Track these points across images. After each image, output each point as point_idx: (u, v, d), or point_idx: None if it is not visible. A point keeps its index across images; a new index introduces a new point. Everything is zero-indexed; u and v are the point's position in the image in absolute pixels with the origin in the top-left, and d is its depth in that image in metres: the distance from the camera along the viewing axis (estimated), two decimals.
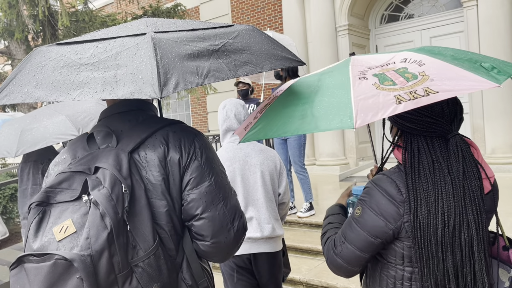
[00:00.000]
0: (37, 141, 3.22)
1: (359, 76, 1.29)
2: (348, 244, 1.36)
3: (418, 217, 1.24)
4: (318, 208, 5.27)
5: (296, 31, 8.02)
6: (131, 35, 1.20)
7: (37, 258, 1.06)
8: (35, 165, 3.64)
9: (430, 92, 1.11)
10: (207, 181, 1.29)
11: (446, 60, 1.24)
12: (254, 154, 2.46)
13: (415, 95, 1.12)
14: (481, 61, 1.23)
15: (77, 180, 1.18)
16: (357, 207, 1.37)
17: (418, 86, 1.14)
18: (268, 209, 2.44)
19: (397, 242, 1.31)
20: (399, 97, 1.14)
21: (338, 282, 3.69)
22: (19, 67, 1.24)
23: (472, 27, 6.34)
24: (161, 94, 1.03)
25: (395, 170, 1.35)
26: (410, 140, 1.32)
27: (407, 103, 1.12)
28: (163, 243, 1.25)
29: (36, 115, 3.52)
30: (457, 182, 1.24)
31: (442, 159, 1.26)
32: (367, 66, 1.34)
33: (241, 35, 1.33)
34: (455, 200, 1.24)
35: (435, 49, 1.36)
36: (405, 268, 1.32)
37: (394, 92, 1.16)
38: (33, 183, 3.65)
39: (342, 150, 7.68)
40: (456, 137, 1.29)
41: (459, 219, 1.23)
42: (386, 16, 8.14)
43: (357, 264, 1.38)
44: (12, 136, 3.32)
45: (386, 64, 1.32)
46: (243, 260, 2.44)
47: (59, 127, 3.31)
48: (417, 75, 1.19)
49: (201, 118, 11.07)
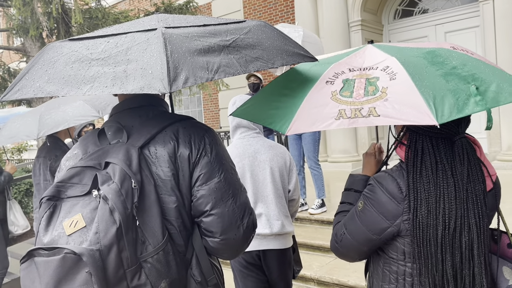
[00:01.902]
0: (58, 123, 3.28)
1: (327, 80, 1.39)
2: (347, 235, 1.39)
3: (417, 217, 1.25)
4: (330, 204, 5.25)
5: (308, 26, 7.96)
6: (142, 30, 1.20)
7: (47, 252, 1.07)
8: (44, 161, 3.71)
9: (372, 114, 1.18)
10: (216, 177, 1.29)
11: (425, 77, 1.23)
12: (264, 151, 2.45)
13: (357, 113, 1.21)
14: (481, 81, 1.21)
15: (88, 175, 1.19)
16: (360, 200, 1.38)
17: (368, 104, 1.21)
18: (278, 206, 2.43)
19: (398, 238, 1.32)
20: (342, 113, 1.23)
21: (350, 279, 3.67)
22: (32, 62, 1.26)
23: (488, 22, 6.22)
24: (170, 89, 1.03)
25: (397, 168, 1.36)
26: (414, 139, 1.32)
27: (344, 120, 1.21)
28: (173, 239, 1.25)
29: (50, 103, 3.59)
30: (460, 185, 1.25)
31: (446, 161, 1.26)
32: (352, 66, 1.41)
33: (253, 31, 1.32)
34: (457, 203, 1.23)
35: (439, 57, 1.34)
36: (407, 264, 1.33)
37: (342, 106, 1.25)
38: (44, 179, 3.73)
39: (355, 146, 7.63)
40: (462, 140, 1.28)
41: (460, 222, 1.23)
42: (400, 11, 8.03)
43: (356, 254, 1.42)
44: (30, 121, 3.38)
45: (370, 67, 1.35)
46: (253, 256, 2.44)
47: (79, 110, 3.38)
48: (379, 89, 1.24)
49: (213, 115, 11.09)
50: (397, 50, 1.42)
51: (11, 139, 3.46)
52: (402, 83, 1.23)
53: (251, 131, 2.49)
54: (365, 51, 1.48)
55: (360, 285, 3.59)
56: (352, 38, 7.65)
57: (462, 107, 1.13)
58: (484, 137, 6.41)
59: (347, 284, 3.68)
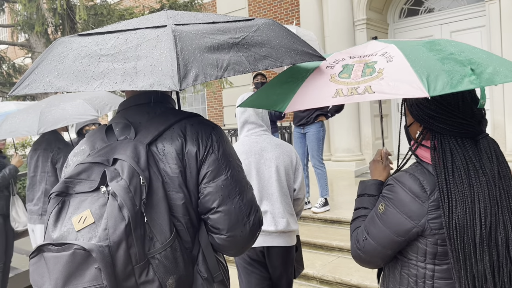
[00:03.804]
0: (58, 121, 3.36)
1: (327, 65, 1.46)
2: (370, 240, 1.35)
3: (453, 218, 1.22)
4: (333, 204, 5.25)
5: (313, 25, 7.95)
6: (152, 27, 1.20)
7: (56, 248, 1.08)
8: (44, 153, 3.79)
9: (367, 92, 1.22)
10: (223, 174, 1.29)
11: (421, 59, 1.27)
12: (270, 148, 2.45)
13: (353, 92, 1.25)
14: (477, 65, 1.23)
15: (96, 171, 1.19)
16: (381, 203, 1.35)
17: (364, 84, 1.26)
18: (283, 204, 2.44)
19: (420, 238, 1.30)
20: (339, 91, 1.29)
21: (352, 278, 3.67)
22: (42, 57, 1.25)
23: (494, 22, 6.18)
24: (180, 86, 1.03)
25: (417, 167, 1.34)
26: (440, 140, 1.29)
27: (340, 98, 1.27)
28: (180, 235, 1.25)
29: (51, 100, 3.64)
30: (492, 183, 1.24)
31: (475, 160, 1.25)
32: (352, 54, 1.47)
33: (261, 29, 1.32)
34: (491, 201, 1.23)
35: (437, 46, 1.37)
36: (427, 266, 1.30)
37: (339, 86, 1.31)
38: (42, 171, 3.80)
39: (358, 146, 7.61)
40: (487, 138, 1.28)
41: (495, 220, 1.22)
42: (406, 10, 8.00)
43: (380, 259, 1.37)
44: (30, 117, 3.45)
45: (370, 54, 1.41)
46: (257, 253, 2.45)
47: (78, 108, 3.44)
48: (376, 70, 1.29)
49: (216, 112, 11.10)
50: (398, 42, 1.46)
51: (11, 134, 3.51)
52: (398, 64, 1.27)
53: (259, 128, 2.49)
54: (367, 45, 1.51)
55: (362, 284, 3.59)
56: (357, 37, 7.62)
57: (456, 84, 1.15)
58: None
59: (349, 283, 3.68)
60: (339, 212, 4.93)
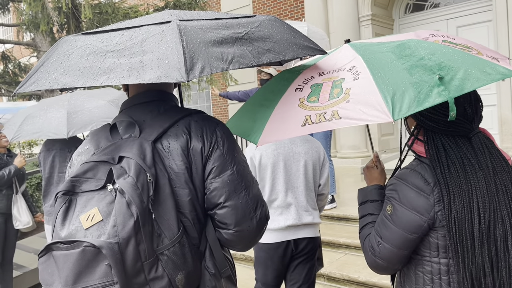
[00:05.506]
0: (87, 124, 3.33)
1: (296, 87, 1.44)
2: (385, 243, 1.33)
3: (452, 212, 1.23)
4: (340, 200, 5.23)
5: (318, 21, 7.91)
6: (156, 23, 1.21)
7: (65, 246, 1.08)
8: (61, 153, 3.67)
9: (334, 117, 1.21)
10: (229, 169, 1.29)
11: (388, 73, 1.25)
12: (300, 143, 2.53)
13: (321, 118, 1.24)
14: (447, 70, 1.21)
15: (102, 170, 1.19)
16: (388, 204, 1.35)
17: (331, 108, 1.24)
18: (306, 198, 2.51)
19: (431, 232, 1.29)
20: (308, 119, 1.27)
21: (360, 275, 3.66)
22: (47, 55, 1.27)
23: (501, 16, 6.12)
24: (188, 78, 1.04)
25: (417, 163, 1.34)
26: (432, 137, 1.31)
27: (309, 126, 1.26)
28: (187, 231, 1.26)
29: (72, 99, 3.57)
30: (489, 178, 1.24)
31: (471, 156, 1.26)
32: (322, 70, 1.45)
33: (263, 25, 1.34)
34: (489, 196, 1.23)
35: (407, 50, 1.34)
36: (441, 260, 1.30)
37: (307, 112, 1.29)
38: (59, 171, 3.68)
39: (364, 142, 7.58)
40: (478, 135, 1.29)
41: (493, 215, 1.23)
42: (411, 5, 7.95)
43: (398, 262, 1.35)
44: (57, 118, 3.37)
45: (339, 69, 1.39)
46: (278, 246, 2.48)
47: (104, 110, 3.41)
48: (343, 91, 1.28)
49: (221, 110, 11.10)
50: (367, 47, 1.43)
51: (35, 135, 3.43)
52: (364, 83, 1.25)
53: None
54: (340, 51, 1.50)
55: (370, 281, 3.58)
56: (362, 33, 7.59)
57: (423, 100, 1.14)
58: (497, 133, 6.33)
59: (357, 280, 3.67)
60: (345, 209, 4.91)
